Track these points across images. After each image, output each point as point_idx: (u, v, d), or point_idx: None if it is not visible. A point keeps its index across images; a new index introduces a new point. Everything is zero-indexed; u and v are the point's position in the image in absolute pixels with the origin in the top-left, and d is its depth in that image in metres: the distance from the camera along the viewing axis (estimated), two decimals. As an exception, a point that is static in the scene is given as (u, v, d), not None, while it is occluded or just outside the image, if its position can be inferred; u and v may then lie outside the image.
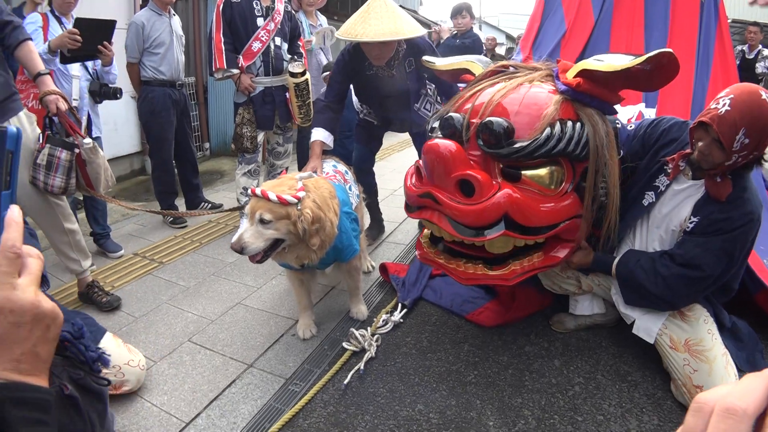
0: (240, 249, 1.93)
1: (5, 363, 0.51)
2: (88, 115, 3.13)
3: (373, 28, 2.42)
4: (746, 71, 5.59)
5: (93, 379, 0.81)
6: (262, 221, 1.94)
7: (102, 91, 3.14)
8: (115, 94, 3.19)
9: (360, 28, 2.44)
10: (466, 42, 5.45)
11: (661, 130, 2.01)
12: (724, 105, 1.68)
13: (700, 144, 1.75)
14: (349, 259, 2.29)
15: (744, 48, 6.11)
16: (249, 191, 2.02)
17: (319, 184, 2.17)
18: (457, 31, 5.57)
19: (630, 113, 2.83)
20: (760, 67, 5.99)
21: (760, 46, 6.14)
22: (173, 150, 3.81)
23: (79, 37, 2.66)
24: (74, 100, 2.98)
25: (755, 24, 6.13)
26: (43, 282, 1.82)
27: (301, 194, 1.97)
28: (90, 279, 2.71)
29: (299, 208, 1.94)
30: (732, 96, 1.68)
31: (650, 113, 2.96)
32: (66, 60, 2.80)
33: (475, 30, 6.46)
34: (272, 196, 1.92)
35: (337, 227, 2.13)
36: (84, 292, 2.70)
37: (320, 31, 4.09)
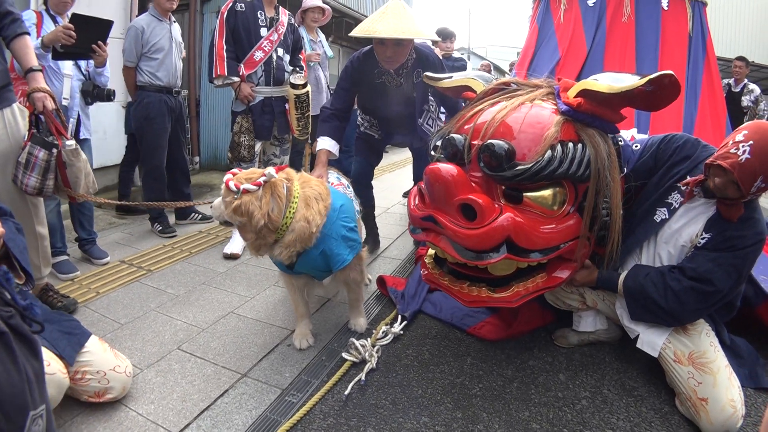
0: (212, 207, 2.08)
1: None
2: (78, 116, 3.06)
3: (392, 25, 2.43)
4: (732, 104, 5.78)
5: (25, 320, 0.74)
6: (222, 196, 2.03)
7: (95, 92, 3.08)
8: (108, 95, 3.13)
9: (378, 25, 2.44)
10: (455, 65, 5.63)
11: (674, 147, 2.02)
12: (744, 152, 1.67)
13: (716, 180, 1.75)
14: (338, 268, 2.18)
15: (730, 81, 6.34)
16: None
17: (310, 184, 2.13)
18: (443, 53, 5.71)
19: (625, 136, 2.89)
20: (745, 101, 6.20)
21: (746, 80, 6.37)
22: (165, 158, 3.73)
23: (73, 33, 2.62)
24: (65, 99, 2.92)
25: (741, 59, 6.36)
26: (28, 280, 1.71)
27: (249, 187, 1.94)
28: (44, 283, 2.57)
29: (236, 197, 1.94)
30: (752, 142, 1.66)
31: (643, 138, 3.03)
32: (58, 56, 2.75)
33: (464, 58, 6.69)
34: (225, 177, 2.01)
35: (319, 228, 2.06)
36: (38, 296, 2.53)
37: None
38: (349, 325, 2.47)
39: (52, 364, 1.60)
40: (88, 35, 2.77)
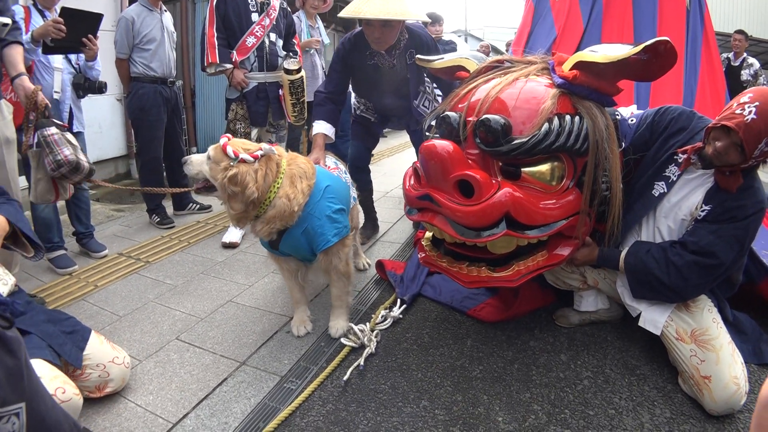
0: (183, 162, 2.11)
1: None
2: (70, 109, 3.02)
3: (378, 6, 2.37)
4: (732, 78, 5.69)
5: None
6: (208, 156, 2.02)
7: (86, 85, 3.04)
8: (99, 88, 3.09)
9: (365, 6, 2.39)
10: (446, 48, 5.56)
11: (669, 119, 1.98)
12: (750, 112, 1.64)
13: (717, 144, 1.71)
14: (321, 248, 2.12)
15: (729, 56, 6.24)
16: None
17: (297, 161, 2.11)
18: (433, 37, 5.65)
19: (624, 113, 2.84)
20: (745, 75, 6.11)
21: (745, 54, 6.27)
22: (162, 149, 3.70)
23: (63, 26, 2.59)
24: (56, 93, 2.88)
25: (740, 32, 6.25)
26: (38, 250, 1.72)
27: (246, 157, 1.94)
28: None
29: (232, 164, 1.93)
30: (758, 104, 1.63)
31: (639, 114, 2.99)
32: (48, 50, 2.71)
33: (461, 41, 6.59)
34: (221, 141, 2.00)
35: (301, 207, 2.04)
36: None
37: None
38: (328, 327, 2.30)
39: (67, 390, 1.55)
40: (77, 29, 2.73)
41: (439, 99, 3.16)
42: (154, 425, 1.75)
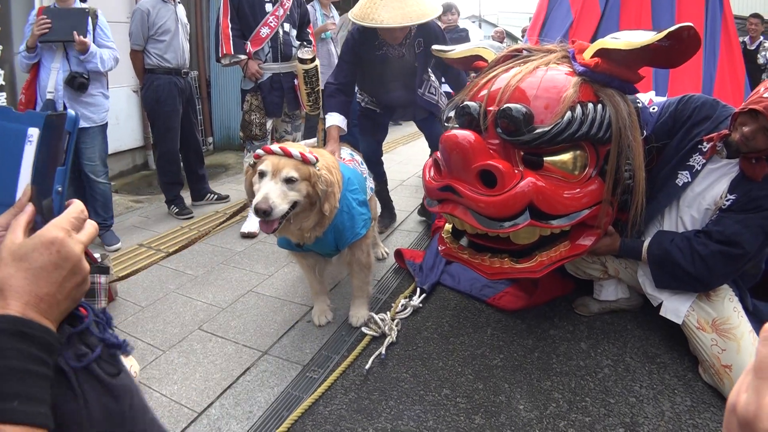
0: (268, 209, 1.67)
1: (28, 296, 0.53)
2: (64, 106, 2.96)
3: (395, 11, 2.34)
4: (748, 62, 5.58)
5: (102, 363, 0.68)
6: (288, 180, 1.74)
7: (74, 83, 2.96)
8: (79, 87, 2.99)
9: (382, 11, 2.35)
10: (454, 36, 5.49)
11: (693, 107, 1.95)
12: None
13: (745, 129, 1.70)
14: (350, 241, 2.10)
15: (745, 39, 6.11)
16: (261, 149, 1.84)
17: (321, 153, 2.07)
18: (445, 26, 5.58)
19: (642, 99, 2.81)
20: (761, 58, 5.99)
21: (762, 38, 6.14)
22: (179, 140, 3.73)
23: (47, 21, 2.73)
24: (49, 93, 2.92)
25: (756, 16, 6.12)
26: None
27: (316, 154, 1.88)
28: None
29: (317, 168, 1.81)
30: None
31: (660, 101, 2.95)
32: (45, 41, 2.86)
33: (475, 27, 6.51)
34: (295, 153, 1.76)
35: (338, 201, 1.99)
36: None
37: (342, 19, 4.06)
38: (348, 317, 2.32)
39: None
40: (64, 24, 2.84)
41: (444, 87, 3.15)
42: (179, 414, 1.79)
